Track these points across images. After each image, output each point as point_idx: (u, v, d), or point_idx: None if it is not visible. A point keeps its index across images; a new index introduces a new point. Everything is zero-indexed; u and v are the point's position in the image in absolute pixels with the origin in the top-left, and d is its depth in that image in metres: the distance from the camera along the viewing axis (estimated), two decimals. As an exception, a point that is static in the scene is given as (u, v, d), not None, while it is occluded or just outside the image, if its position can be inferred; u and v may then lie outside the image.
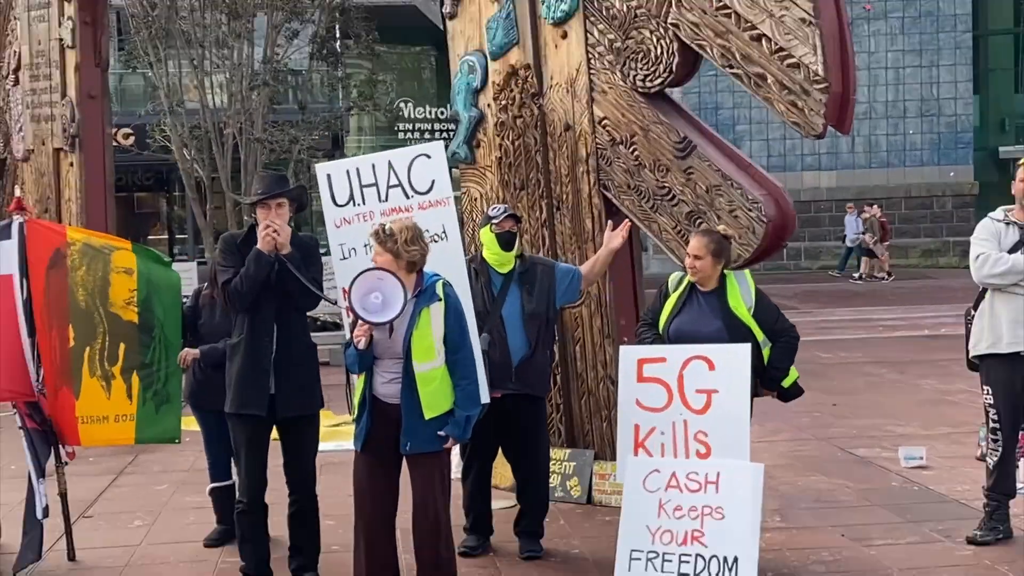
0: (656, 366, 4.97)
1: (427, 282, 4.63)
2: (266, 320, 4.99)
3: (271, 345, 4.99)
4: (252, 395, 4.98)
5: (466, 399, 4.63)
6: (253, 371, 4.98)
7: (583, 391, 6.46)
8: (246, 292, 4.92)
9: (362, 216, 5.39)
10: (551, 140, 6.44)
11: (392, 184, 5.40)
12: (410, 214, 5.26)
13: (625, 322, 6.36)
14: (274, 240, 4.91)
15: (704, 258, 5.18)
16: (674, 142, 5.83)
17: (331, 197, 5.43)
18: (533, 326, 5.43)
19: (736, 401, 4.78)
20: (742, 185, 5.59)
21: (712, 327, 5.15)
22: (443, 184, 5.37)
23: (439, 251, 5.19)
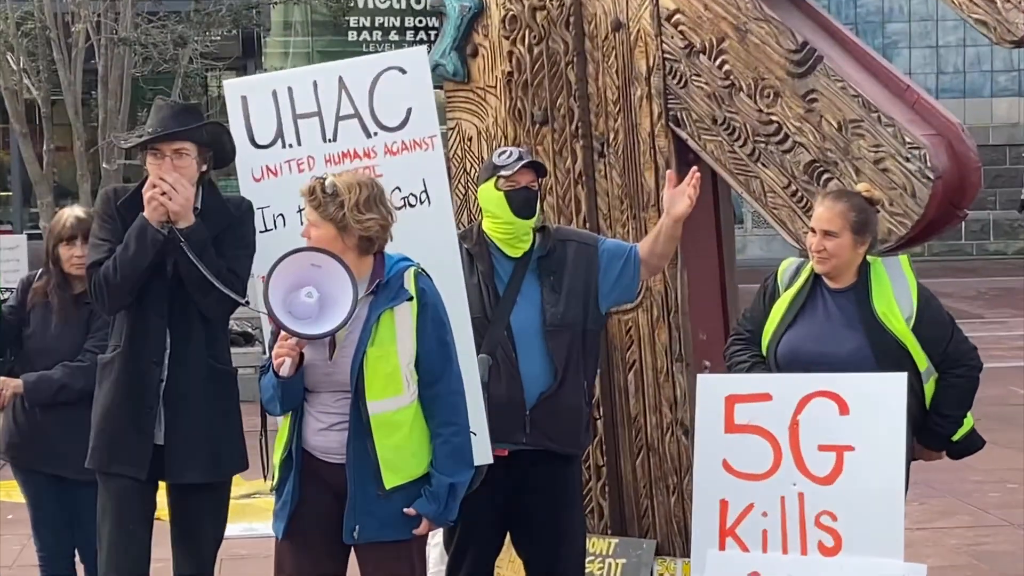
0: (755, 408, 4.99)
1: (390, 271, 4.66)
2: (154, 330, 5.07)
3: (159, 369, 5.05)
4: (127, 446, 5.06)
5: (451, 457, 4.67)
6: (130, 409, 5.04)
7: (638, 446, 6.48)
8: (119, 284, 4.99)
9: (296, 164, 5.43)
10: (591, 47, 6.45)
11: (345, 114, 5.43)
12: (372, 162, 5.31)
13: (707, 336, 6.37)
14: (163, 207, 4.95)
15: (840, 235, 5.19)
16: (788, 51, 5.83)
17: (248, 133, 5.46)
18: (560, 343, 5.44)
19: (883, 464, 4.79)
20: (895, 120, 5.59)
21: (847, 346, 5.17)
22: (425, 114, 5.41)
23: (416, 222, 5.22)
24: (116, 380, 5.09)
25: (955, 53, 27.01)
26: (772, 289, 5.41)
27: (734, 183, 6.06)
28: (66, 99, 14.85)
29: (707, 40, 6.05)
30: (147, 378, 5.06)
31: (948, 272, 22.29)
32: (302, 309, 4.51)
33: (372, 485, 4.58)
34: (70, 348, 5.78)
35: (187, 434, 5.08)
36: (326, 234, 4.60)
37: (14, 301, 6.01)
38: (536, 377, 5.41)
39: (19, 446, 5.91)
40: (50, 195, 15.24)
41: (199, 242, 4.99)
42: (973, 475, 9.17)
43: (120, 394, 5.07)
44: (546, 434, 5.41)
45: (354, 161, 5.32)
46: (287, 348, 4.55)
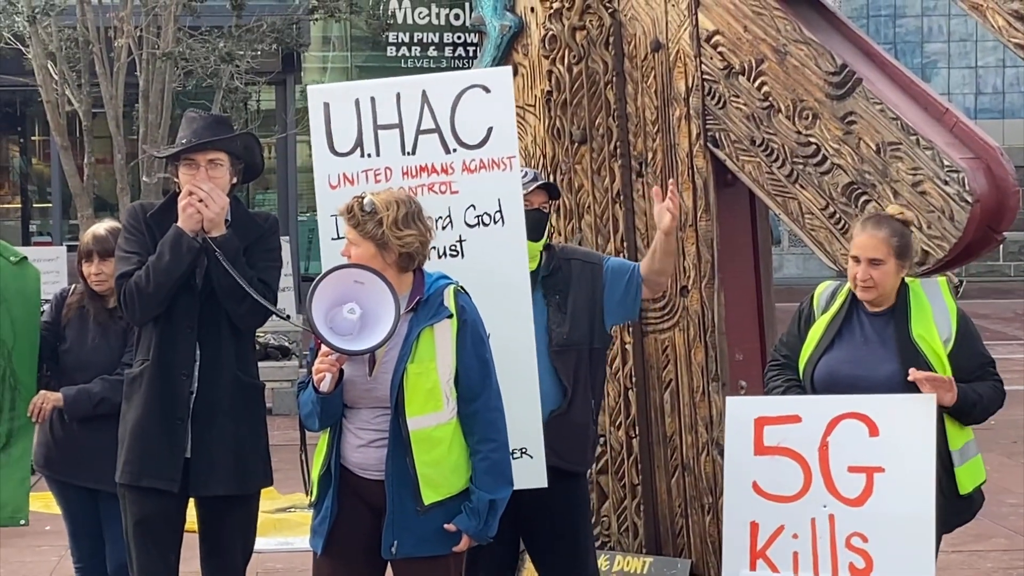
0: (785, 429, 5.00)
1: (430, 288, 4.69)
2: (183, 342, 5.10)
3: (189, 382, 5.08)
4: (156, 459, 5.09)
5: (490, 474, 4.69)
6: (161, 421, 5.07)
7: (674, 465, 6.48)
8: (152, 293, 5.02)
9: (373, 174, 5.42)
10: (631, 67, 6.48)
11: (426, 128, 5.43)
12: (449, 177, 5.33)
13: (743, 356, 6.39)
14: (200, 214, 4.99)
15: (886, 262, 5.12)
16: (827, 73, 5.84)
17: (327, 140, 5.47)
18: (567, 362, 5.46)
19: (913, 486, 4.79)
20: (934, 143, 5.59)
21: (884, 370, 5.15)
22: (505, 135, 5.41)
23: (489, 241, 5.25)
24: (146, 393, 5.11)
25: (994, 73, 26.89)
26: (808, 313, 5.40)
27: (772, 204, 6.07)
28: (107, 112, 14.88)
29: (746, 61, 6.07)
30: (177, 390, 5.09)
31: (986, 293, 22.13)
32: (344, 325, 4.54)
33: (411, 501, 4.60)
34: (107, 361, 5.81)
35: (214, 447, 5.11)
36: (365, 252, 4.63)
37: (48, 317, 6.04)
38: (545, 395, 5.39)
39: (55, 459, 5.95)
40: (90, 207, 15.29)
41: (233, 251, 5.04)
42: (1009, 498, 9.14)
43: (151, 407, 5.09)
44: (555, 451, 5.39)
45: (431, 176, 5.33)
46: (328, 364, 4.57)
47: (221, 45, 14.91)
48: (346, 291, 4.56)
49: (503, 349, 5.08)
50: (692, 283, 6.32)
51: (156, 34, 14.82)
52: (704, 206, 6.25)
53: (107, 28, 14.97)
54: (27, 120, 24.51)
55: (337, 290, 4.56)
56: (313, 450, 4.88)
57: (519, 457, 5.21)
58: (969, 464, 5.14)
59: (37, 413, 5.77)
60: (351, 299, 4.54)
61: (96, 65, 14.91)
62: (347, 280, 4.57)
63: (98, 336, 5.89)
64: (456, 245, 5.37)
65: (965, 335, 5.19)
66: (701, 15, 6.20)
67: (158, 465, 5.10)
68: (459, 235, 5.37)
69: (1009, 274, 26.23)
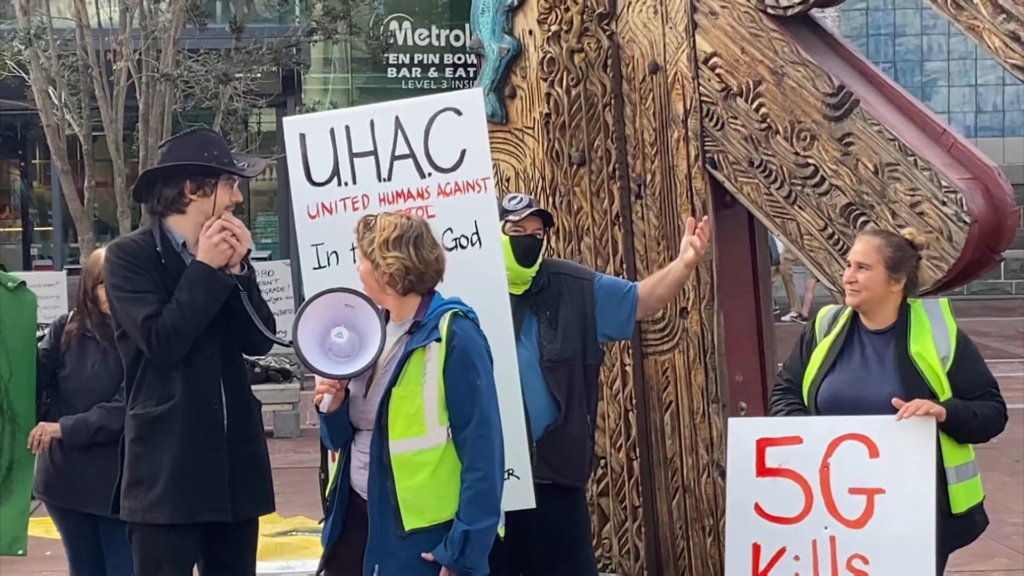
0: (786, 451, 5.02)
1: (431, 312, 4.71)
2: (208, 372, 5.08)
3: (221, 410, 5.08)
4: (208, 492, 5.02)
5: (472, 504, 4.61)
6: (204, 454, 5.03)
7: (674, 487, 6.49)
8: (189, 333, 4.97)
9: (351, 202, 5.43)
10: (629, 89, 6.50)
11: (400, 154, 5.45)
12: (425, 202, 5.34)
13: (743, 378, 6.39)
14: (232, 250, 4.99)
15: (873, 268, 5.19)
16: (824, 94, 5.86)
17: (304, 170, 5.49)
18: (560, 377, 5.48)
19: (913, 507, 4.80)
20: (932, 163, 5.61)
21: (885, 390, 5.14)
22: (478, 156, 5.42)
23: (467, 263, 5.25)
24: (183, 430, 5.01)
25: (994, 92, 26.90)
26: (810, 338, 5.41)
27: (771, 225, 6.08)
28: (107, 136, 14.91)
29: (744, 83, 6.09)
30: (215, 421, 5.06)
31: (988, 311, 22.12)
32: (339, 348, 4.57)
33: (392, 525, 4.58)
34: (107, 387, 5.81)
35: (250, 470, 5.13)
36: (365, 268, 4.69)
37: (47, 343, 6.03)
38: (540, 411, 5.42)
39: (55, 486, 5.95)
40: (90, 231, 15.32)
41: (256, 291, 5.11)
42: (1012, 517, 9.11)
43: (191, 443, 5.01)
44: (552, 467, 5.42)
45: (408, 201, 5.34)
46: (326, 385, 4.62)
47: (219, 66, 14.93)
48: (337, 315, 4.58)
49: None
50: (692, 305, 6.33)
51: (156, 57, 14.86)
52: (703, 227, 6.26)
53: (107, 51, 15.02)
54: (28, 144, 24.55)
55: (327, 314, 4.59)
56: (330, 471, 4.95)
57: (506, 479, 5.17)
58: (966, 484, 5.14)
59: (36, 445, 5.78)
60: (341, 322, 4.56)
61: (96, 89, 14.94)
62: (339, 304, 4.59)
63: (98, 362, 5.90)
64: None
65: (964, 354, 5.20)
66: (699, 37, 6.22)
67: (212, 499, 5.03)
68: None
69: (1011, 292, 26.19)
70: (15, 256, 23.49)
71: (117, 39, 14.80)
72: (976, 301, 23.01)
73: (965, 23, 5.39)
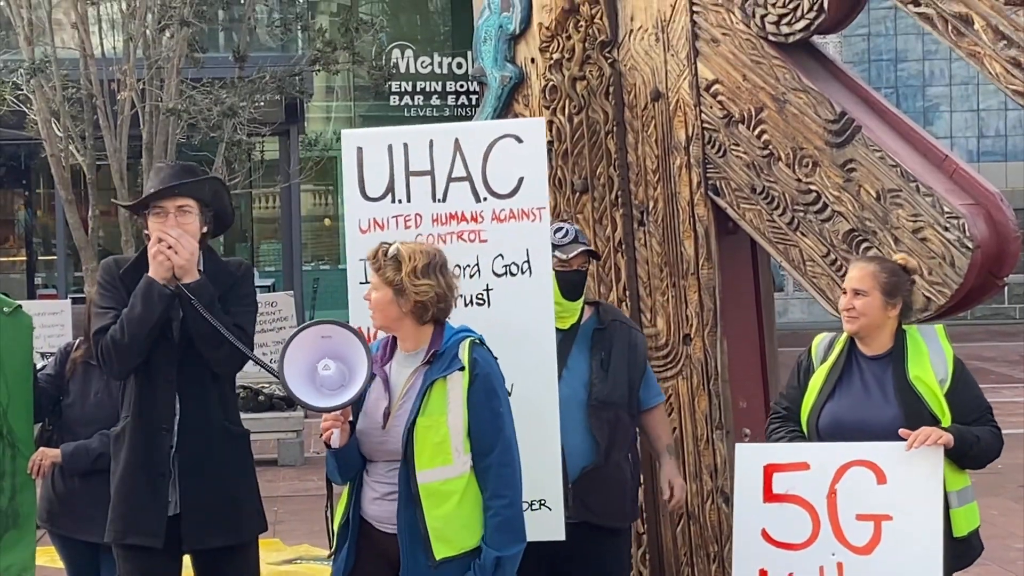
0: (793, 476, 5.01)
1: (447, 341, 4.72)
2: (163, 396, 5.10)
3: (169, 435, 5.08)
4: (141, 514, 5.07)
5: (499, 531, 4.65)
6: (143, 478, 5.08)
7: (678, 514, 6.47)
8: (127, 344, 5.02)
9: (404, 220, 5.46)
10: (631, 116, 6.52)
11: (457, 176, 5.47)
12: (479, 226, 5.37)
13: (747, 404, 6.38)
14: (169, 261, 5.01)
15: (870, 294, 5.23)
16: (826, 120, 5.87)
17: (359, 184, 5.51)
18: (603, 419, 5.50)
19: (920, 534, 4.80)
20: (934, 189, 5.61)
21: (886, 414, 5.16)
22: (536, 185, 5.45)
23: (516, 290, 5.29)
24: (128, 451, 5.11)
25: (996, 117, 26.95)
26: (807, 365, 5.43)
27: (773, 252, 6.08)
28: (111, 165, 14.95)
29: (746, 110, 6.10)
30: (158, 446, 5.08)
31: (991, 336, 22.13)
32: (327, 381, 4.55)
33: (423, 555, 4.60)
34: (109, 416, 5.82)
35: (204, 499, 5.10)
36: (383, 297, 4.68)
37: (52, 370, 6.05)
38: (578, 449, 5.43)
39: (57, 514, 5.97)
40: (94, 260, 15.33)
41: (208, 296, 5.05)
42: (1016, 542, 9.10)
43: (132, 464, 5.10)
44: (588, 507, 5.43)
45: (460, 224, 5.38)
46: (332, 419, 4.61)
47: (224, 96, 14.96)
48: (319, 348, 4.56)
49: (525, 399, 5.13)
50: (695, 331, 6.33)
51: (159, 87, 14.90)
52: (706, 254, 6.27)
53: (110, 81, 15.06)
54: (32, 173, 24.64)
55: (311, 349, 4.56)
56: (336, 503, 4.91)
57: (538, 509, 5.22)
58: (966, 508, 5.15)
59: (36, 470, 5.79)
60: (325, 355, 4.55)
61: (100, 118, 14.98)
62: (315, 338, 4.57)
63: (101, 390, 5.91)
64: (483, 294, 5.41)
65: (961, 379, 5.22)
66: (700, 64, 6.24)
67: (142, 522, 5.09)
68: (486, 284, 5.42)
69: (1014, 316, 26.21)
70: (19, 285, 23.53)
71: (121, 69, 14.84)
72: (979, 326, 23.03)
73: (966, 49, 5.41)
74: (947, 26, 5.42)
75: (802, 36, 5.95)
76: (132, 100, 14.84)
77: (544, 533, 5.21)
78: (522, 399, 5.11)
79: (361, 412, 4.74)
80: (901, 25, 26.18)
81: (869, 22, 26.16)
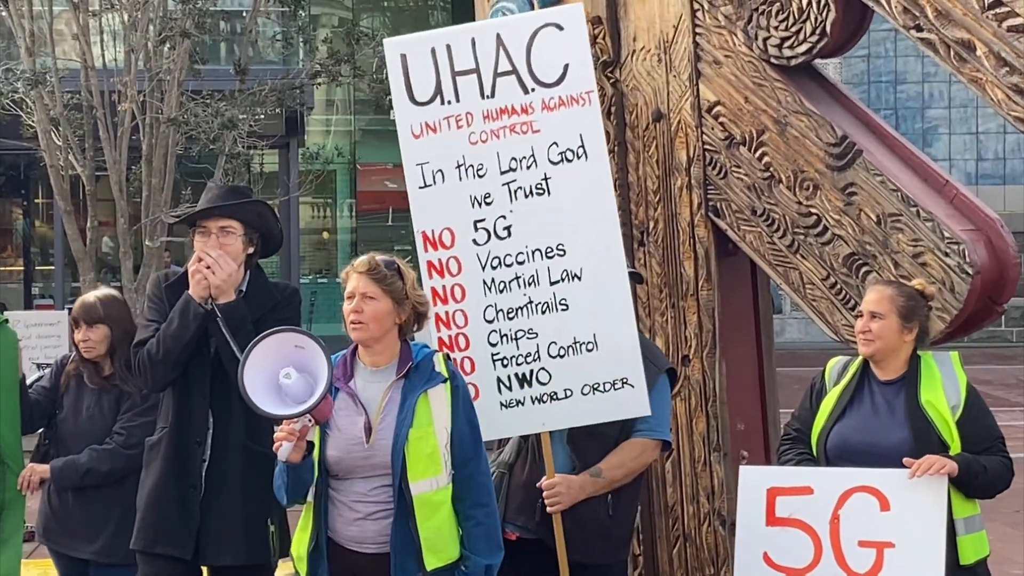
0: (796, 501, 5.02)
1: (418, 355, 4.73)
2: (197, 410, 5.16)
3: (201, 449, 5.11)
4: (171, 526, 5.12)
5: (484, 539, 4.67)
6: (176, 489, 5.12)
7: (675, 535, 6.47)
8: (161, 359, 5.09)
9: (455, 120, 5.55)
10: (632, 136, 6.52)
11: (503, 71, 5.53)
12: (529, 117, 5.45)
13: (745, 426, 6.38)
14: (206, 280, 5.04)
15: (886, 317, 5.24)
16: (827, 144, 5.88)
17: (407, 90, 5.59)
18: (583, 448, 5.41)
19: (922, 563, 4.80)
20: (934, 214, 5.62)
21: (895, 438, 5.18)
22: (582, 70, 5.51)
23: (574, 176, 5.39)
24: (162, 461, 5.17)
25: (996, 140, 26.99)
26: (820, 387, 5.45)
27: (773, 274, 6.08)
28: (111, 177, 14.93)
29: (747, 132, 6.11)
30: (191, 458, 5.15)
31: (989, 359, 22.10)
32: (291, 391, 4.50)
33: (414, 567, 4.58)
34: (101, 430, 5.83)
35: (223, 516, 5.14)
36: (384, 307, 4.66)
37: (47, 383, 6.05)
38: (559, 470, 5.36)
39: (53, 529, 5.96)
40: (92, 272, 15.32)
41: (237, 319, 5.09)
42: (1014, 568, 9.09)
43: (166, 475, 5.15)
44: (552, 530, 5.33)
45: (512, 117, 5.46)
46: (285, 432, 4.52)
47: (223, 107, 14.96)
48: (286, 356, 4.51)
49: (595, 284, 5.34)
50: (693, 352, 6.33)
51: (160, 99, 14.90)
52: (705, 275, 6.27)
53: (111, 92, 15.06)
54: (31, 183, 24.60)
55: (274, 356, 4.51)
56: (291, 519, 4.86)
57: (620, 388, 5.36)
58: (974, 536, 5.14)
59: (26, 486, 5.78)
60: (290, 363, 4.50)
61: (100, 129, 14.97)
62: (289, 344, 4.53)
63: (93, 404, 5.91)
64: (542, 183, 5.49)
65: (974, 406, 5.22)
66: (702, 86, 6.25)
67: (172, 532, 5.14)
68: (544, 173, 5.50)
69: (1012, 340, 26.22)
70: (16, 295, 23.50)
71: (122, 80, 14.84)
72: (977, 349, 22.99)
73: (968, 75, 5.41)
74: (949, 52, 5.43)
75: (804, 59, 5.97)
76: (132, 111, 14.83)
77: (628, 411, 5.37)
78: (592, 284, 5.32)
79: (331, 433, 4.66)
80: (901, 47, 26.23)
81: (869, 43, 26.22)
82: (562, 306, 5.46)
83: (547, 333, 5.47)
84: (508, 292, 5.49)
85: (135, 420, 5.76)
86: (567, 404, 5.44)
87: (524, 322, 5.48)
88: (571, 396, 5.43)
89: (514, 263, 5.49)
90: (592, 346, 5.43)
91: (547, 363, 5.46)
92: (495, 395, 5.48)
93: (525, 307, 5.48)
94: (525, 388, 5.46)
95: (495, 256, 5.50)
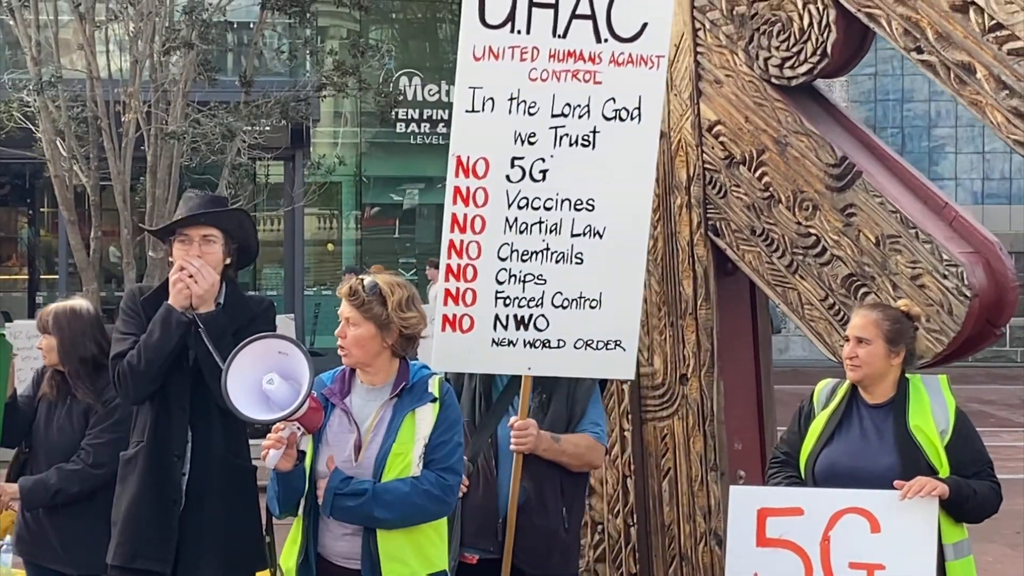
0: (787, 522, 5.01)
1: (414, 376, 4.73)
2: (176, 423, 5.13)
3: (182, 463, 5.09)
4: (150, 541, 5.10)
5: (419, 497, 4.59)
6: (155, 503, 5.10)
7: (671, 554, 6.46)
8: (143, 371, 5.06)
9: (520, 52, 5.44)
10: (632, 154, 6.52)
11: (581, 14, 5.46)
12: (595, 67, 5.40)
13: (742, 446, 6.37)
14: (188, 290, 5.03)
15: (873, 343, 5.23)
16: (827, 164, 5.88)
17: (479, 9, 5.44)
18: (534, 461, 5.39)
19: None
20: (933, 236, 5.62)
21: (882, 463, 5.17)
22: (658, 32, 5.48)
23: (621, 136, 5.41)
24: (141, 475, 5.14)
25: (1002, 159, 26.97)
26: (808, 411, 5.44)
27: (772, 294, 6.09)
28: (115, 187, 14.96)
29: (747, 152, 6.11)
30: (170, 472, 5.12)
31: (991, 379, 22.07)
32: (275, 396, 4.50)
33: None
34: (69, 443, 5.79)
35: (203, 530, 5.12)
36: (366, 333, 4.64)
37: (27, 392, 6.05)
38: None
39: (27, 542, 5.95)
40: (95, 281, 15.34)
41: (218, 329, 5.07)
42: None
43: (145, 489, 5.12)
44: (522, 549, 5.35)
45: (577, 62, 5.42)
46: (273, 439, 4.51)
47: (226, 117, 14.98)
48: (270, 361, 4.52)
49: (614, 245, 5.41)
50: (691, 371, 6.32)
51: (165, 110, 14.92)
52: (704, 295, 6.27)
53: (116, 103, 15.09)
54: (36, 192, 24.65)
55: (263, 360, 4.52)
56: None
57: (612, 348, 5.44)
58: (962, 561, 5.13)
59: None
60: (274, 369, 4.51)
61: (104, 140, 15.00)
62: (272, 351, 4.54)
63: (63, 416, 5.88)
64: (589, 136, 5.49)
65: (963, 431, 5.21)
66: (703, 105, 6.25)
67: (151, 547, 5.11)
68: (594, 126, 5.49)
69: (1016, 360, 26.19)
70: (20, 303, 23.52)
71: (127, 91, 14.87)
72: (980, 368, 22.97)
73: (968, 98, 5.42)
74: (949, 74, 5.43)
75: (805, 80, 5.98)
76: (137, 122, 14.86)
77: (615, 372, 5.53)
78: (611, 245, 5.38)
79: (323, 448, 4.67)
80: (908, 65, 26.16)
81: (876, 62, 26.23)
82: (577, 260, 5.50)
83: (555, 282, 5.50)
84: (528, 235, 5.48)
85: (102, 437, 5.69)
86: (558, 353, 5.50)
87: (536, 267, 5.49)
88: (563, 347, 5.49)
89: (541, 208, 5.48)
90: (596, 304, 5.49)
91: (548, 311, 5.50)
92: (489, 331, 5.48)
93: (541, 252, 5.49)
94: (520, 331, 5.48)
95: (524, 196, 5.48)
